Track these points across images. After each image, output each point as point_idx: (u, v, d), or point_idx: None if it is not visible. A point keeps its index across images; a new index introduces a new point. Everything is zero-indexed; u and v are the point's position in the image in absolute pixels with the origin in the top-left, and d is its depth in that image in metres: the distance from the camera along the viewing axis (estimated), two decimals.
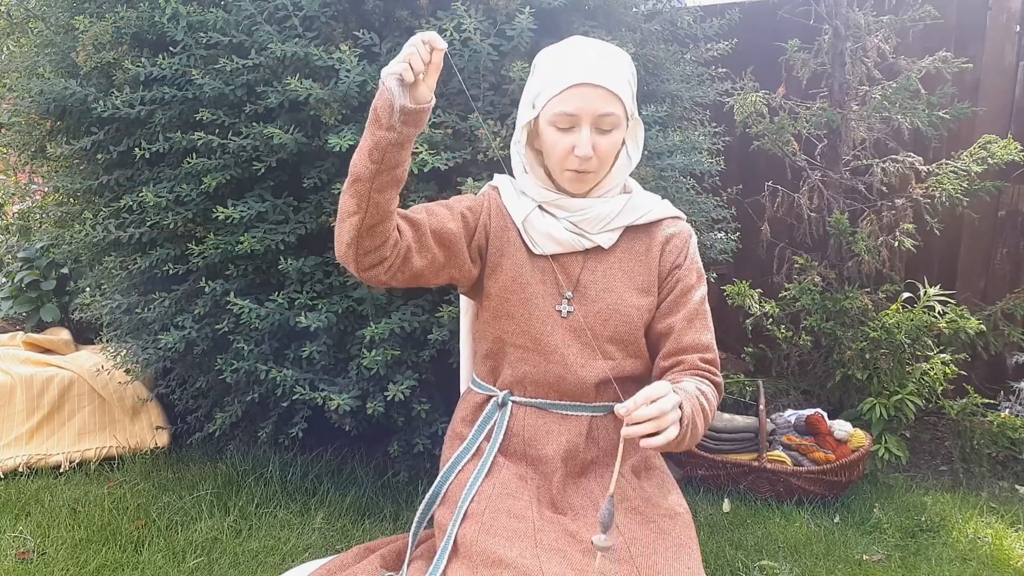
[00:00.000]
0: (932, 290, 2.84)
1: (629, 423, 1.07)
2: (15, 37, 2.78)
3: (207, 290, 2.17)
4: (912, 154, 3.11)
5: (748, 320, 3.08)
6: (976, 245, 3.32)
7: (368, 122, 1.16)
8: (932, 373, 2.73)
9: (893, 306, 2.88)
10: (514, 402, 1.38)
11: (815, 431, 2.63)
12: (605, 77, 1.23)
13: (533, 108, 1.30)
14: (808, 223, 3.23)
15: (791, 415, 2.73)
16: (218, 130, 2.07)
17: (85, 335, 3.41)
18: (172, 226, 2.20)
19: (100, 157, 2.34)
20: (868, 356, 2.83)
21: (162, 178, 2.21)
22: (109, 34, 2.12)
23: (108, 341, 2.68)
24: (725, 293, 3.05)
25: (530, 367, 1.35)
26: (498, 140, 1.90)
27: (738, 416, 2.71)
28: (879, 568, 2.14)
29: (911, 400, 2.71)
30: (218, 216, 2.03)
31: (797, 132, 3.18)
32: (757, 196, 3.40)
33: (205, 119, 2.03)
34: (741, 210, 3.31)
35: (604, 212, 1.33)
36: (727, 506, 2.53)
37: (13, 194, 3.79)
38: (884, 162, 3.14)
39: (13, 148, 2.74)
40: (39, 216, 3.60)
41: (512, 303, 1.35)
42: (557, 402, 1.36)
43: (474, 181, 1.91)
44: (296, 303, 2.11)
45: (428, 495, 1.37)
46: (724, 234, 2.75)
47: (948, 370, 2.73)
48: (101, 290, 2.70)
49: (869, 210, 3.17)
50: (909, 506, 2.54)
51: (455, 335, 1.94)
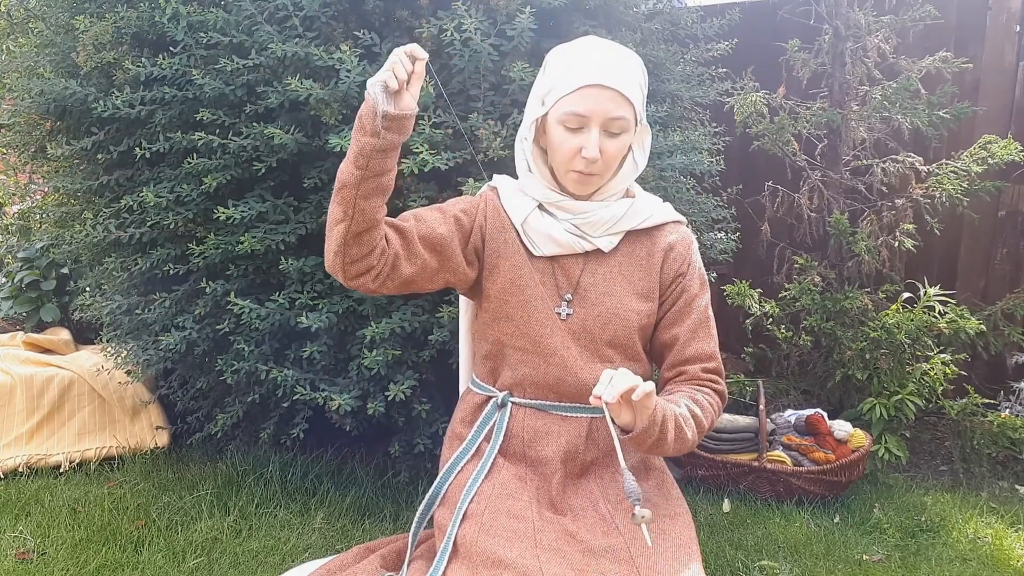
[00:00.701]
0: (932, 290, 2.84)
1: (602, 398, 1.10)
2: (15, 37, 2.78)
3: (208, 290, 2.17)
4: (912, 154, 3.11)
5: (748, 320, 3.08)
6: (976, 245, 3.32)
7: (354, 130, 1.18)
8: (932, 373, 2.73)
9: (893, 306, 2.88)
10: (514, 403, 1.38)
11: (815, 431, 2.63)
12: (618, 80, 1.23)
13: (543, 105, 1.29)
14: (808, 223, 3.23)
15: (791, 415, 2.73)
16: (218, 130, 2.07)
17: (85, 335, 3.41)
18: (172, 226, 2.20)
19: (100, 157, 2.34)
20: (868, 356, 2.83)
21: (162, 178, 2.21)
22: (109, 34, 2.12)
23: (108, 341, 2.67)
24: (725, 293, 3.05)
25: (530, 369, 1.35)
26: (498, 140, 1.90)
27: (738, 416, 2.71)
28: (879, 568, 2.14)
29: (911, 400, 2.71)
30: (218, 216, 2.03)
31: (797, 132, 3.18)
32: (757, 196, 3.40)
33: (205, 119, 2.03)
34: (741, 210, 3.31)
35: (607, 216, 1.33)
36: (727, 506, 2.53)
37: (13, 194, 3.78)
38: (884, 162, 3.14)
39: (13, 148, 2.74)
40: (39, 216, 3.59)
41: (511, 305, 1.34)
42: (557, 403, 1.36)
43: (475, 181, 1.91)
44: (297, 303, 2.11)
45: (428, 495, 1.37)
46: (724, 234, 2.75)
47: (948, 370, 2.73)
48: (101, 290, 2.69)
49: (869, 210, 3.17)
50: (909, 506, 2.54)
51: (455, 335, 1.94)
